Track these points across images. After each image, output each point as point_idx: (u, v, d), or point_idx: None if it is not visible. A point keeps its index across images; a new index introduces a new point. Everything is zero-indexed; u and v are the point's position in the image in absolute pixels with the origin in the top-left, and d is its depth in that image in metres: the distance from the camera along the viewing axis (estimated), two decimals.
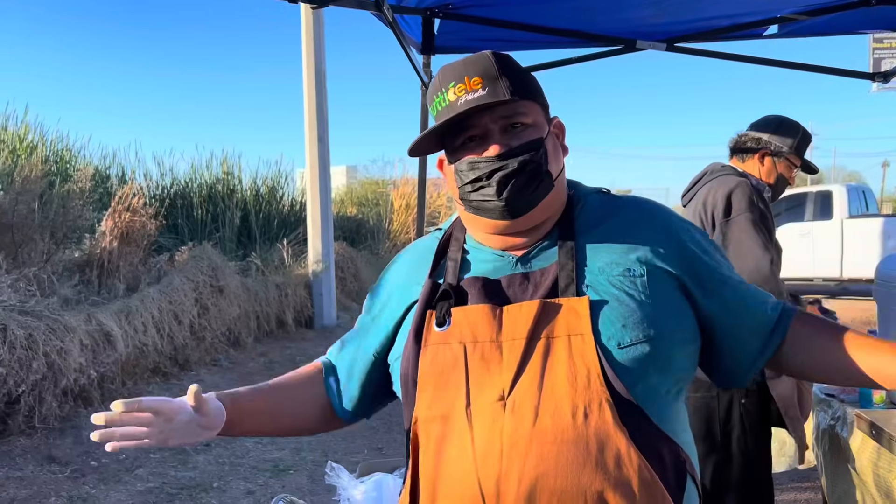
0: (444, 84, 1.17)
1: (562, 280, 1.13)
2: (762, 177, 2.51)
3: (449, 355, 1.12)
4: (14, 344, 4.59)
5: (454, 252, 1.24)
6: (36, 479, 4.24)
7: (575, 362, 1.06)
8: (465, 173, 1.17)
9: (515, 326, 1.10)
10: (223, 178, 11.03)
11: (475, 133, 1.17)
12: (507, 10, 2.78)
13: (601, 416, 1.04)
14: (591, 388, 1.05)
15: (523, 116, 1.17)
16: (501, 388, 1.07)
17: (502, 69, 1.15)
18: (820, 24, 2.89)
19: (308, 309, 9.21)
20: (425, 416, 1.12)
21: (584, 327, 1.08)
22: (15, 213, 5.97)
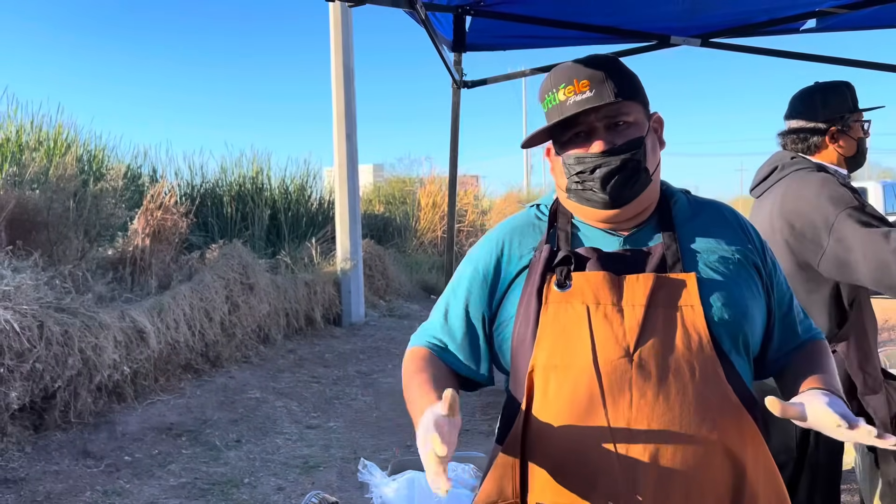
0: (555, 85, 1.29)
1: (669, 258, 1.27)
2: (844, 155, 2.26)
3: (572, 313, 1.23)
4: (50, 340, 4.67)
5: (563, 224, 1.36)
6: (71, 474, 4.32)
7: (688, 329, 1.20)
8: (572, 166, 1.29)
9: (635, 294, 1.22)
10: (253, 176, 11.12)
11: (582, 129, 1.29)
12: (539, 7, 2.76)
13: (715, 376, 1.19)
14: (704, 352, 1.19)
15: (626, 116, 1.28)
16: (626, 346, 1.19)
17: (608, 72, 1.27)
18: (859, 17, 2.83)
19: (336, 306, 9.26)
20: (545, 363, 1.22)
21: (694, 299, 1.22)
22: (50, 211, 6.07)
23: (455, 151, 3.00)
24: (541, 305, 1.25)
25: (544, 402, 1.22)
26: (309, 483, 4.29)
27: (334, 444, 5.05)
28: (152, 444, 4.90)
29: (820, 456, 2.16)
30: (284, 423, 5.51)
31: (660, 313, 1.22)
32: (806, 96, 2.31)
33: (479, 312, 1.37)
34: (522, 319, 1.28)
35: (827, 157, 2.27)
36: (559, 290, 1.25)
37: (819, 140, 2.26)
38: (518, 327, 1.29)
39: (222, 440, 5.05)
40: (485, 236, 1.46)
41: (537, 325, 1.24)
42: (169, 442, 4.96)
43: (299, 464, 4.66)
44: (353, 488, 4.10)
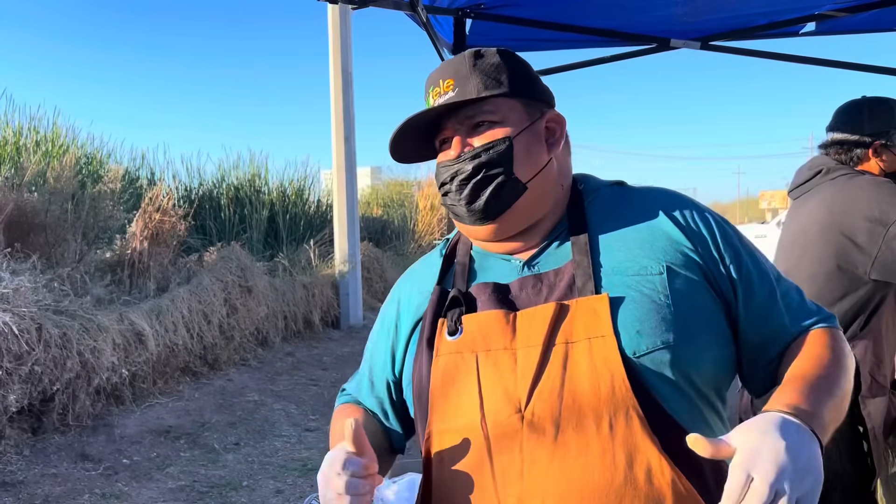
0: (427, 89, 1.15)
1: (578, 278, 1.04)
2: (886, 170, 2.25)
3: (461, 365, 1.05)
4: (49, 343, 4.66)
5: (461, 256, 1.19)
6: (70, 477, 4.30)
7: (597, 367, 0.97)
8: (438, 178, 1.14)
9: (530, 332, 1.02)
10: (250, 179, 11.12)
11: (447, 135, 1.13)
12: (539, 10, 2.77)
13: (629, 426, 0.94)
14: (616, 396, 0.95)
15: (489, 114, 1.11)
16: (518, 400, 0.99)
17: (476, 66, 1.11)
18: (858, 20, 2.84)
19: (335, 309, 9.25)
20: (438, 429, 1.05)
21: (605, 328, 0.98)
22: (48, 213, 6.06)
23: None
24: (432, 358, 1.07)
25: (440, 472, 1.05)
26: (308, 486, 4.28)
27: None
28: (150, 446, 4.89)
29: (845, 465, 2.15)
30: (283, 425, 5.51)
31: (561, 352, 0.99)
32: (852, 109, 2.32)
33: (383, 378, 1.23)
34: (416, 376, 1.11)
35: (869, 171, 2.27)
36: (450, 338, 1.07)
37: (862, 153, 2.27)
38: (414, 386, 1.12)
39: (221, 443, 5.04)
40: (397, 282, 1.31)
41: (430, 381, 1.07)
42: (167, 445, 4.95)
43: (298, 466, 4.65)
44: None
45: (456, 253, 1.20)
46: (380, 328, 1.27)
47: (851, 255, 2.14)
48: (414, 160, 1.22)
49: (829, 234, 2.18)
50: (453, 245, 1.22)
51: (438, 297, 1.12)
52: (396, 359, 1.20)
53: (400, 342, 1.19)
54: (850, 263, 2.14)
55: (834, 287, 2.16)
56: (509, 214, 1.10)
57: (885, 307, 2.20)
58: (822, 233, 2.20)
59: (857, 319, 2.17)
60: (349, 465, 0.99)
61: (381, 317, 1.28)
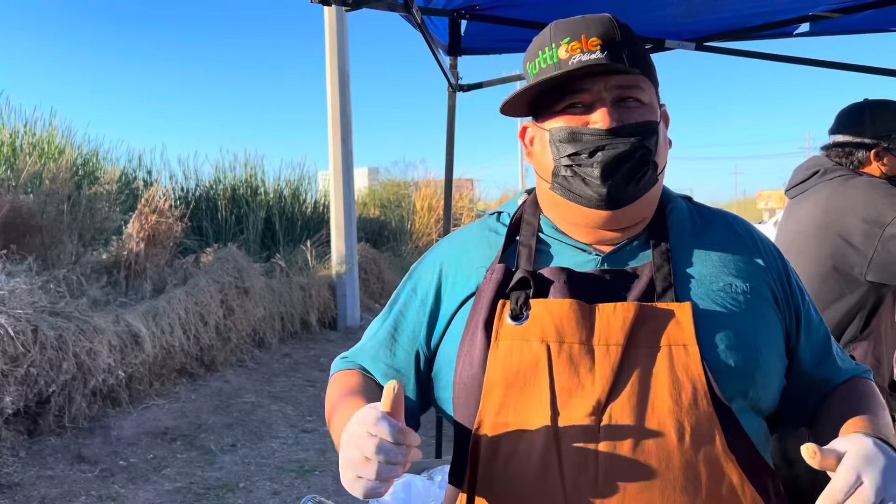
0: (555, 39, 1.00)
1: (658, 283, 0.98)
2: (888, 174, 2.26)
3: (528, 354, 0.95)
4: (45, 344, 4.65)
5: (527, 237, 1.08)
6: (66, 479, 4.30)
7: (678, 376, 0.92)
8: (564, 144, 1.00)
9: (610, 329, 0.95)
10: (247, 180, 11.11)
11: (583, 99, 1.00)
12: (535, 11, 2.77)
13: (711, 440, 0.90)
14: (699, 408, 0.91)
15: (641, 92, 1.02)
16: (596, 400, 0.92)
17: (625, 36, 1.01)
18: (852, 21, 2.84)
19: (332, 310, 9.25)
20: (494, 421, 0.96)
21: (688, 337, 0.94)
22: (44, 215, 6.05)
23: (451, 155, 3.00)
24: (489, 342, 0.98)
25: (491, 470, 0.96)
26: (305, 487, 4.28)
27: (330, 448, 5.03)
28: (147, 448, 4.88)
29: None
30: (280, 427, 5.50)
31: (642, 355, 0.94)
32: (854, 112, 2.32)
33: (412, 348, 1.10)
34: (465, 360, 1.00)
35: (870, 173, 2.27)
36: (513, 322, 0.97)
37: (864, 156, 2.27)
38: (460, 370, 1.01)
39: (217, 444, 5.03)
40: (428, 252, 1.19)
41: (485, 367, 0.97)
42: (164, 446, 4.95)
43: (295, 468, 4.65)
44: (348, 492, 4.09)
45: (519, 232, 1.10)
46: (409, 295, 1.14)
47: (847, 256, 2.14)
48: (517, 114, 1.09)
49: (826, 234, 2.19)
50: (516, 221, 1.12)
51: (502, 276, 1.02)
52: (435, 332, 1.08)
53: (441, 316, 1.08)
54: (846, 264, 2.14)
55: (830, 288, 2.16)
56: (637, 204, 1.02)
57: (884, 308, 2.20)
58: (818, 233, 2.20)
59: (854, 321, 2.18)
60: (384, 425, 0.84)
61: (413, 283, 1.15)
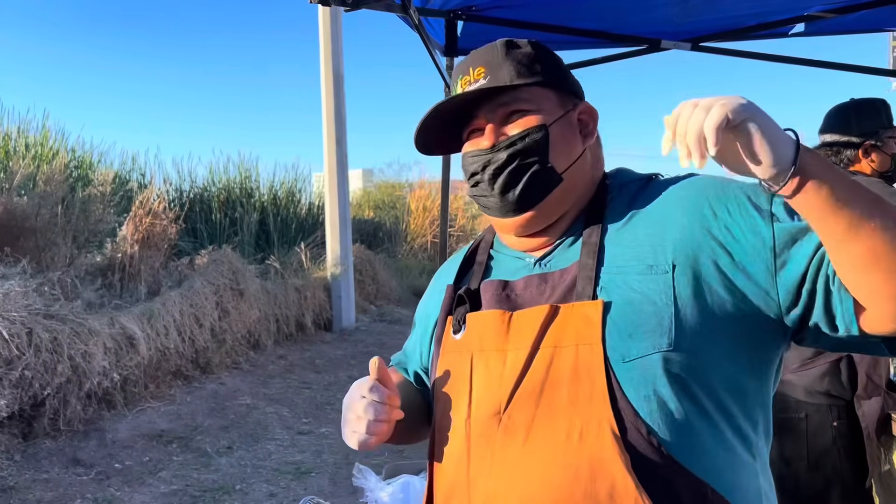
0: (454, 78, 1.12)
1: (580, 281, 0.99)
2: (878, 170, 2.29)
3: (458, 364, 1.06)
4: (39, 347, 4.63)
5: (481, 255, 1.18)
6: (61, 482, 4.28)
7: (580, 375, 0.93)
8: (465, 168, 1.11)
9: (522, 334, 1.00)
10: (241, 182, 11.09)
11: (478, 125, 1.09)
12: (530, 12, 2.78)
13: (599, 438, 0.91)
14: (593, 406, 0.92)
15: (524, 103, 1.06)
16: (499, 402, 0.99)
17: (508, 54, 1.07)
18: (846, 21, 2.86)
19: (327, 311, 9.24)
20: (438, 425, 1.08)
21: (594, 336, 0.94)
22: (38, 217, 6.03)
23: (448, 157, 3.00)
24: (439, 356, 1.11)
25: (436, 468, 1.08)
26: (301, 489, 4.27)
27: (326, 449, 5.03)
28: (143, 451, 4.86)
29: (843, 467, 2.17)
30: (276, 429, 5.49)
31: (547, 356, 0.97)
32: (840, 111, 2.35)
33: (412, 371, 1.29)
34: (430, 371, 1.15)
35: (860, 171, 2.30)
36: (455, 336, 1.08)
37: (852, 154, 2.29)
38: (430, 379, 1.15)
39: (213, 447, 5.02)
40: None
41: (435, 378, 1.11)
42: (159, 449, 4.93)
43: (291, 470, 4.64)
44: (345, 494, 4.09)
45: (477, 253, 1.20)
46: (416, 320, 1.31)
47: None
48: (439, 152, 1.18)
49: None
50: (477, 244, 1.22)
51: (450, 296, 1.14)
52: (423, 353, 1.24)
53: (426, 337, 1.21)
54: None
55: None
56: (543, 206, 1.06)
57: None
58: None
59: None
60: (374, 391, 1.04)
61: (418, 309, 1.30)
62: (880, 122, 2.31)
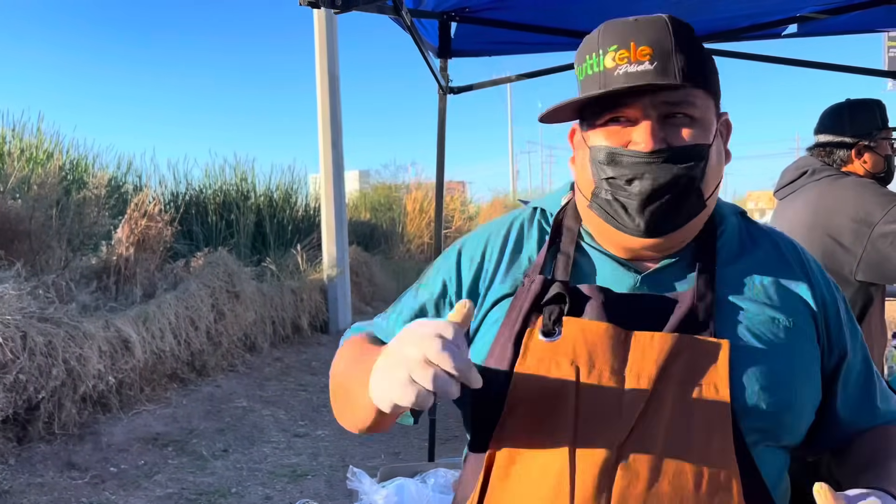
0: (603, 45, 0.95)
1: (700, 313, 0.92)
2: (871, 171, 2.29)
3: (556, 374, 0.91)
4: (34, 351, 4.62)
5: (567, 245, 1.02)
6: (56, 486, 4.26)
7: (708, 419, 0.87)
8: (602, 166, 0.95)
9: (644, 360, 0.89)
10: (237, 184, 11.07)
11: (627, 114, 0.95)
12: (524, 13, 2.77)
13: (727, 490, 0.85)
14: (724, 454, 0.86)
15: (691, 107, 0.94)
16: (618, 434, 0.86)
17: (679, 44, 0.92)
18: (839, 22, 2.86)
19: (323, 313, 9.23)
20: (511, 436, 0.92)
21: (721, 378, 0.88)
22: (32, 220, 6.01)
23: (442, 157, 3.00)
24: (517, 355, 0.93)
25: (503, 488, 0.91)
26: (297, 492, 4.26)
27: (322, 452, 5.02)
28: (138, 454, 4.85)
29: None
30: (272, 431, 5.48)
31: (672, 392, 0.88)
32: (834, 112, 2.35)
33: None
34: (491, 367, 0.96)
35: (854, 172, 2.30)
36: (544, 339, 0.93)
37: (845, 154, 2.30)
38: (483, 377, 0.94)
39: (209, 450, 5.01)
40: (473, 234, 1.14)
41: (510, 380, 0.93)
42: (155, 452, 4.92)
43: (287, 472, 4.63)
44: (341, 496, 4.08)
45: (560, 237, 1.04)
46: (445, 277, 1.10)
47: (837, 255, 2.15)
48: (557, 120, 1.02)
49: (815, 235, 2.20)
50: (556, 225, 1.06)
51: (540, 288, 0.97)
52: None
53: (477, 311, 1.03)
54: (836, 264, 2.15)
55: None
56: (679, 232, 0.97)
57: (874, 308, 2.21)
58: (807, 234, 2.21)
59: None
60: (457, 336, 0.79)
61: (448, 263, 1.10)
62: (874, 122, 2.30)
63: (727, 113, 1.03)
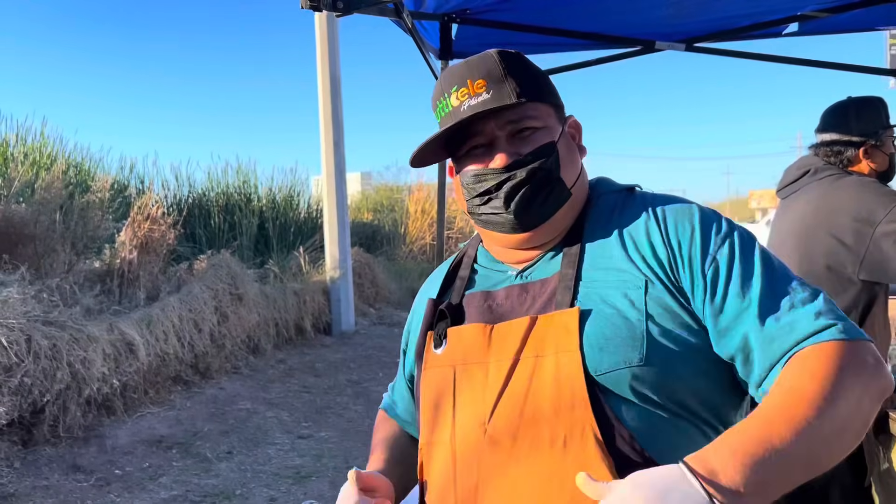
0: (446, 88, 1.08)
1: (560, 291, 1.01)
2: (876, 170, 2.28)
3: (441, 378, 1.06)
4: (39, 354, 4.63)
5: (464, 270, 1.18)
6: (61, 488, 4.28)
7: (561, 383, 0.94)
8: (472, 187, 1.08)
9: (504, 345, 1.00)
10: (239, 186, 11.09)
11: (481, 141, 1.08)
12: (524, 14, 2.78)
13: (583, 444, 0.91)
14: (575, 413, 0.92)
15: (532, 120, 1.07)
16: (483, 414, 0.99)
17: (508, 69, 1.06)
18: (840, 20, 2.86)
19: (326, 315, 9.23)
20: (424, 440, 1.08)
21: (572, 344, 0.95)
22: (36, 224, 6.03)
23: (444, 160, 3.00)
24: (422, 371, 1.10)
25: (425, 485, 1.08)
26: (301, 493, 4.27)
27: (326, 453, 5.03)
28: (143, 457, 4.86)
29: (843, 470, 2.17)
30: (276, 433, 5.49)
31: (529, 366, 0.97)
32: (840, 110, 2.33)
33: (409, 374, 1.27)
34: (415, 386, 1.15)
35: (859, 172, 2.29)
36: (436, 351, 1.08)
37: (853, 154, 2.29)
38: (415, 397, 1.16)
39: (213, 452, 5.02)
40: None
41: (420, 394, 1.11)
42: (159, 455, 4.93)
43: (291, 474, 4.64)
44: None
45: (460, 266, 1.20)
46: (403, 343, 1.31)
47: (840, 255, 2.15)
48: (428, 163, 1.16)
49: (818, 234, 2.20)
50: (459, 259, 1.22)
51: (430, 311, 1.13)
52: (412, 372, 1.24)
53: (410, 352, 1.23)
54: (839, 264, 2.15)
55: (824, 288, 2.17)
56: (551, 222, 1.08)
57: (877, 307, 2.21)
58: (810, 233, 2.21)
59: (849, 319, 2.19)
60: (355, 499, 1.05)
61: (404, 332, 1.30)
62: (880, 121, 2.30)
63: (573, 116, 1.16)
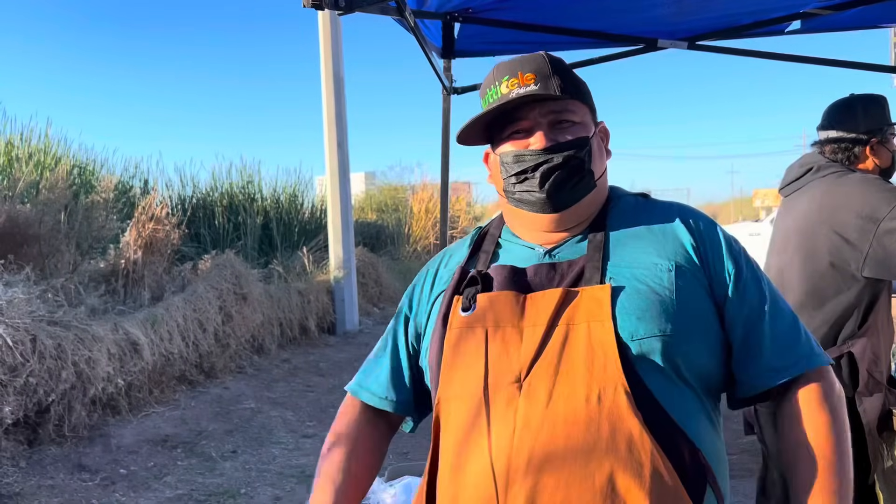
0: (497, 78, 1.21)
1: (588, 270, 1.15)
2: (881, 166, 2.28)
3: (471, 338, 1.15)
4: (43, 354, 4.65)
5: (488, 245, 1.29)
6: (67, 488, 4.29)
7: (594, 348, 1.07)
8: (510, 165, 1.21)
9: (538, 313, 1.11)
10: (243, 186, 11.11)
11: (523, 126, 1.21)
12: (526, 13, 2.78)
13: (615, 399, 1.04)
14: (608, 373, 1.05)
15: (571, 114, 1.21)
16: (518, 371, 1.09)
17: (554, 68, 1.20)
18: (843, 18, 2.85)
19: (330, 315, 9.24)
20: (446, 395, 1.16)
21: (605, 315, 1.08)
22: (41, 224, 6.05)
23: (446, 158, 3.01)
24: (445, 332, 1.18)
25: (446, 434, 1.15)
26: (305, 492, 4.28)
27: None
28: (148, 456, 4.88)
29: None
30: (280, 432, 5.50)
31: (562, 332, 1.09)
32: (846, 106, 2.33)
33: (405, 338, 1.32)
34: (432, 346, 1.22)
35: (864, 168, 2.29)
36: (463, 314, 1.17)
37: (860, 151, 2.29)
38: (430, 355, 1.22)
39: (218, 451, 5.03)
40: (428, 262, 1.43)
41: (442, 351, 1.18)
42: (164, 454, 4.94)
43: (296, 473, 4.65)
44: None
45: (483, 242, 1.31)
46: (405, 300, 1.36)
47: (844, 252, 2.15)
48: (470, 142, 1.28)
49: (821, 231, 2.19)
50: (482, 235, 1.33)
51: (459, 277, 1.22)
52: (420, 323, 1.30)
53: (422, 312, 1.29)
54: (842, 261, 2.15)
55: (828, 285, 2.17)
56: (577, 207, 1.21)
57: (881, 304, 2.21)
58: (814, 231, 2.20)
59: (852, 317, 2.18)
60: None
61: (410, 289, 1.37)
62: (884, 118, 2.30)
63: (603, 122, 1.29)
